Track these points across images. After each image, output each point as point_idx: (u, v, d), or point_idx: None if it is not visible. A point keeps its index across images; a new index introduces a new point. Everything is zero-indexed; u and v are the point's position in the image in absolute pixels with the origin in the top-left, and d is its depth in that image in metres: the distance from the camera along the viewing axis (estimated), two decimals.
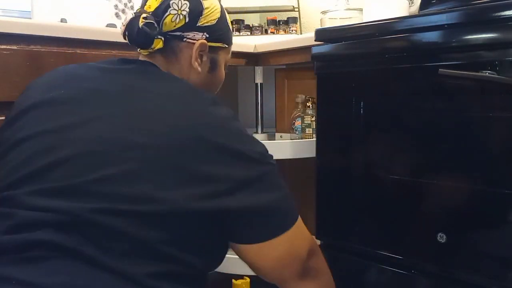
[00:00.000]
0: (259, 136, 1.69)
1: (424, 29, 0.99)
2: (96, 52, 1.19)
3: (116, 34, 1.25)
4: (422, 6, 1.28)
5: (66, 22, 1.58)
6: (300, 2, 1.94)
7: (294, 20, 1.89)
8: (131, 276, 0.63)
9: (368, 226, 1.13)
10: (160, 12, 0.83)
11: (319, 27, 1.55)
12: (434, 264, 1.00)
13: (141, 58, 0.87)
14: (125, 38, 0.85)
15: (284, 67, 1.71)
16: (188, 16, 0.84)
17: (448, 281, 0.98)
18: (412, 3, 1.47)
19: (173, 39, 0.85)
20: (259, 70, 1.69)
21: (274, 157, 0.78)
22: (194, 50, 0.85)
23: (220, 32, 0.90)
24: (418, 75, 1.02)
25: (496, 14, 0.88)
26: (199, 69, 0.87)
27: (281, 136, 1.67)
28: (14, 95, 1.06)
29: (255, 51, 1.60)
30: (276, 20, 1.91)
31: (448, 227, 0.96)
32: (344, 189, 1.18)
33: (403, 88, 1.05)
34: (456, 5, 1.08)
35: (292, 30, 1.88)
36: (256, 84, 1.71)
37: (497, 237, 0.91)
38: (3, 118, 1.05)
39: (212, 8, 0.88)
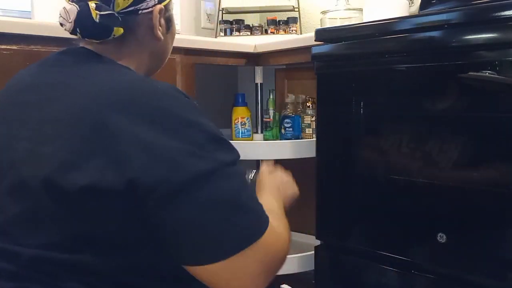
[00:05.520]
0: (259, 136, 1.69)
1: (424, 29, 0.99)
2: None
3: None
4: (422, 6, 1.29)
5: None
6: (300, 2, 1.94)
7: (294, 20, 1.88)
8: None
9: (368, 226, 1.13)
10: None
11: (319, 27, 1.55)
12: (434, 264, 1.00)
13: (83, 44, 0.76)
14: (74, 34, 0.73)
15: (284, 67, 1.71)
16: None
17: (448, 281, 0.98)
18: (412, 3, 1.47)
19: (127, 17, 0.74)
20: (259, 70, 1.69)
21: (274, 157, 0.75)
22: (154, 19, 0.77)
23: None
24: (418, 75, 1.02)
25: (496, 14, 0.88)
26: (161, 36, 0.79)
27: None
28: None
29: (255, 51, 1.60)
30: (276, 20, 1.91)
31: (448, 227, 0.96)
32: (344, 189, 1.18)
33: (403, 88, 1.05)
34: (456, 5, 1.08)
35: (292, 30, 1.87)
36: (256, 84, 1.70)
37: (497, 237, 0.91)
38: None
39: None
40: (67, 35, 1.14)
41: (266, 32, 1.91)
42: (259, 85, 1.70)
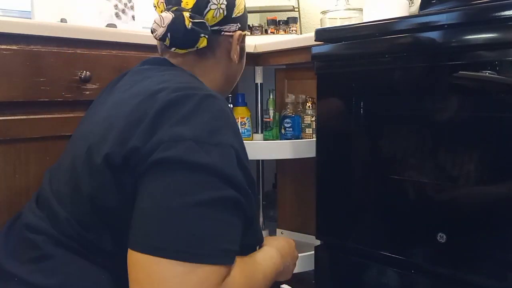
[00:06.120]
0: (259, 136, 1.69)
1: (424, 29, 0.99)
2: (96, 52, 1.19)
3: (116, 34, 1.25)
4: (422, 6, 1.28)
5: (66, 22, 1.58)
6: (300, 2, 1.94)
7: (294, 20, 1.88)
8: None
9: (368, 226, 1.13)
10: (201, 7, 0.81)
11: (319, 27, 1.55)
12: (434, 264, 1.00)
13: (167, 56, 0.86)
14: (163, 40, 0.81)
15: (284, 67, 1.71)
16: (226, 9, 0.84)
17: (448, 281, 0.98)
18: (412, 3, 1.47)
19: (212, 34, 0.83)
20: (259, 70, 1.68)
21: (274, 157, 0.77)
22: (234, 43, 0.86)
23: (246, 21, 0.91)
24: (418, 75, 1.02)
25: (496, 14, 0.88)
26: (236, 59, 0.88)
27: None
28: (14, 95, 1.06)
29: (255, 51, 1.60)
30: (276, 20, 1.91)
31: (448, 227, 0.96)
32: (344, 189, 1.18)
33: (403, 88, 1.05)
34: (456, 5, 1.08)
35: (292, 30, 1.87)
36: (256, 84, 1.70)
37: (497, 237, 0.91)
38: (1, 118, 1.05)
39: None
40: (67, 35, 1.14)
41: (266, 32, 1.91)
42: (259, 85, 1.70)
